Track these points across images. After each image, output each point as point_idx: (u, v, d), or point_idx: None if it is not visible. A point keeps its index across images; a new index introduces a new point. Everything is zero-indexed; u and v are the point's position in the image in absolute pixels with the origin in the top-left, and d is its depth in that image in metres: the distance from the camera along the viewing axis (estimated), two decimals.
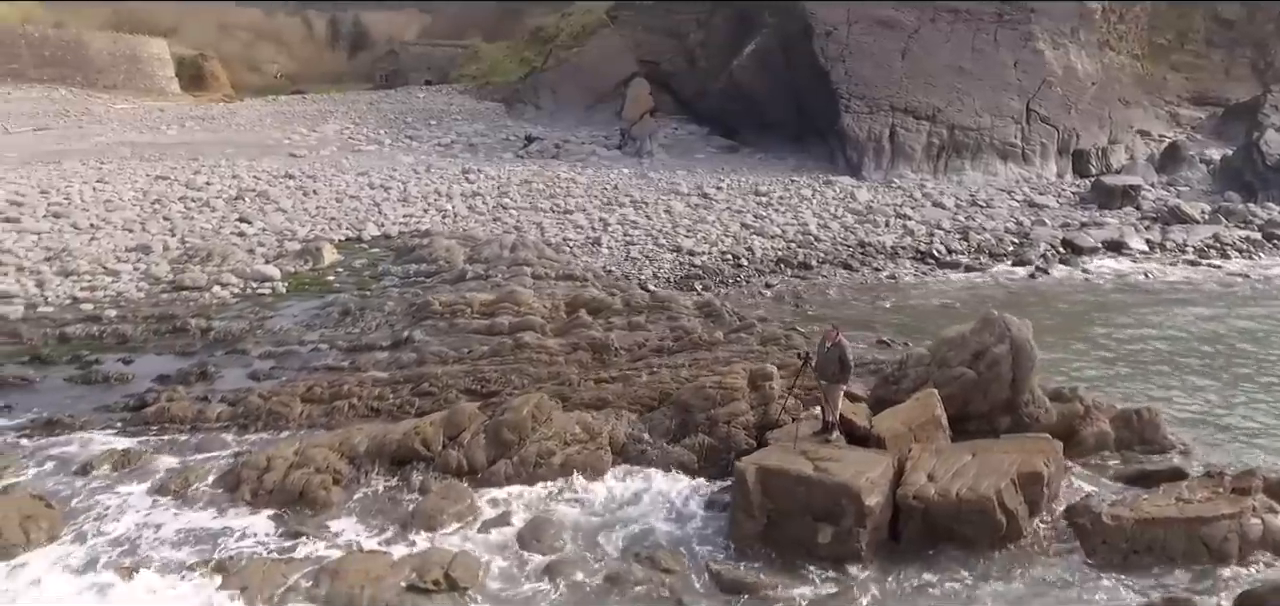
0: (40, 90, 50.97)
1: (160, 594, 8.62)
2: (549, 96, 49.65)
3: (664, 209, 30.50)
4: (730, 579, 9.08)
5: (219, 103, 58.00)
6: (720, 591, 9.01)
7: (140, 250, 24.13)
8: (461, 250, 23.93)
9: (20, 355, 16.54)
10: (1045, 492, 10.00)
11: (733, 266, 24.29)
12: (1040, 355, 12.15)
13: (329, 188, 33.02)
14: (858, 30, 38.32)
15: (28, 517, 9.82)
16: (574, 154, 41.37)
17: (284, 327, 18.31)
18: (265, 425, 13.24)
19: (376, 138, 44.74)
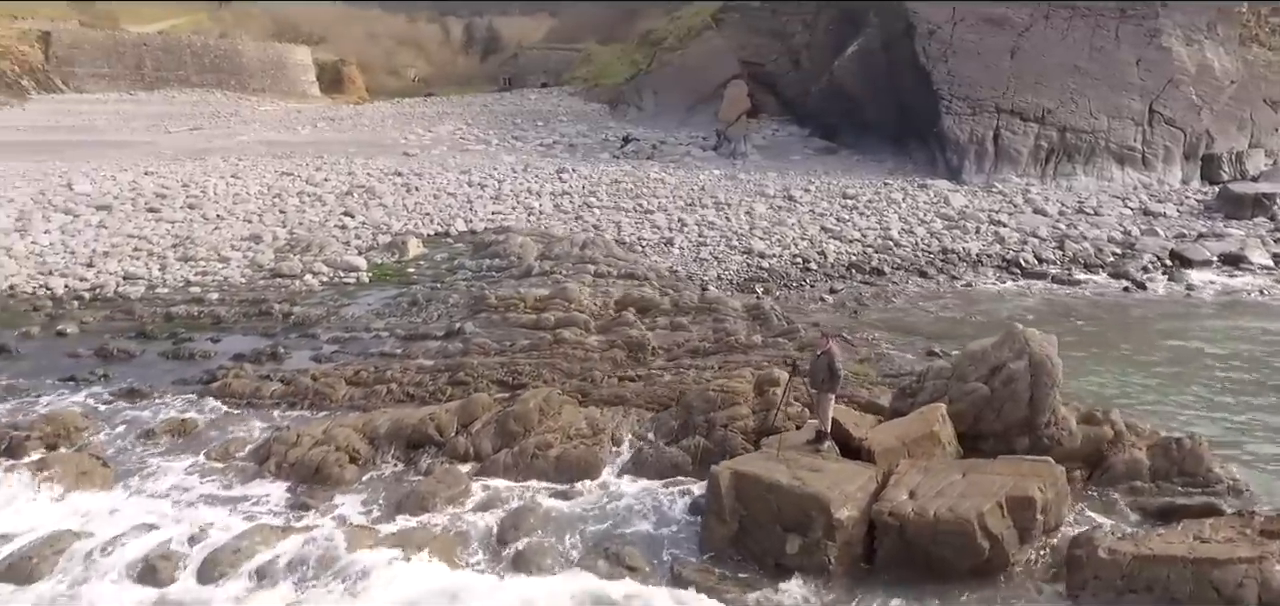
0: (199, 93, 56.56)
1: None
2: (651, 98, 50.26)
3: (745, 210, 30.31)
4: (689, 580, 9.15)
5: (352, 104, 62.25)
6: (679, 591, 9.10)
7: (252, 240, 26.49)
8: (535, 247, 24.80)
9: (130, 330, 18.63)
10: (1039, 520, 9.43)
11: (801, 270, 23.90)
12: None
13: (430, 185, 34.89)
14: (963, 29, 36.59)
15: (83, 473, 11.21)
16: (668, 155, 41.72)
17: (356, 315, 19.68)
18: (311, 404, 14.34)
19: (485, 138, 46.77)
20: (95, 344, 17.50)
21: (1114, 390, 14.96)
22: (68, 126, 48.01)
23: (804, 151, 42.26)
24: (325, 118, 53.40)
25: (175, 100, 54.52)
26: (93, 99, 53.09)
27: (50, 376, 15.80)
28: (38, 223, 27.96)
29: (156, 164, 38.68)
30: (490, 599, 8.84)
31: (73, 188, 33.01)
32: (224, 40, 65.82)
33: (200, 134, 47.58)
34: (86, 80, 54.74)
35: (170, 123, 49.37)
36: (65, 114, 50.28)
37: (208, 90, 57.10)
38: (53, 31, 56.09)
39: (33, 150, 41.56)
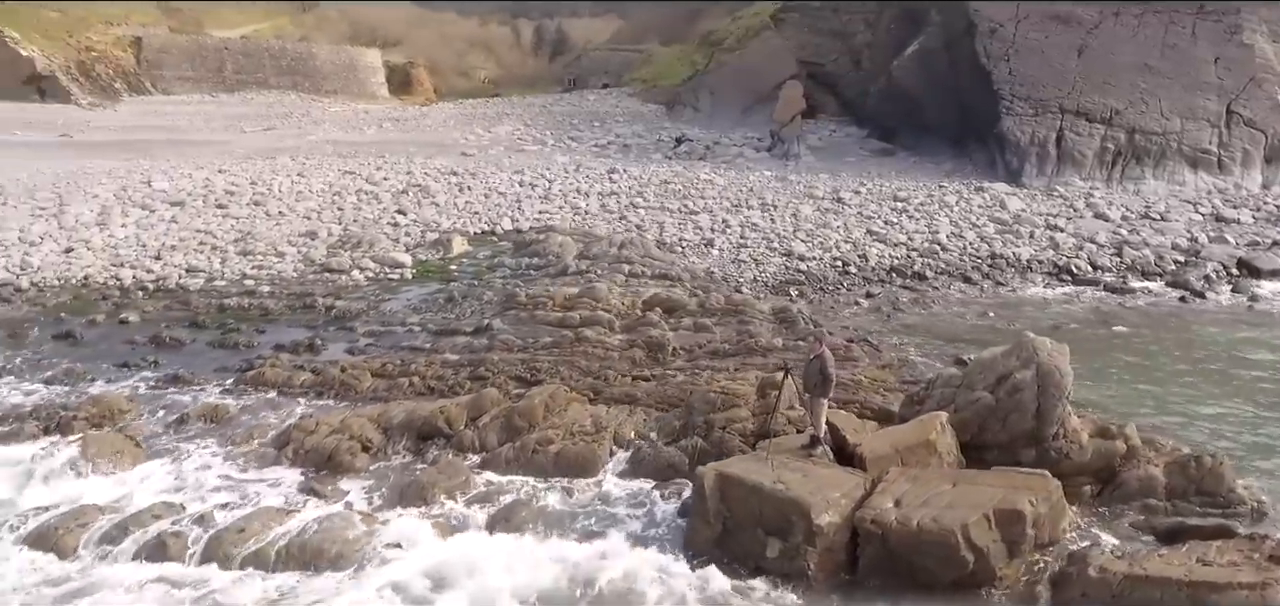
0: (275, 95, 59.20)
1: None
2: (707, 98, 50.15)
3: (791, 212, 30.01)
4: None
5: (419, 105, 64.07)
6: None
7: (308, 236, 27.60)
8: (574, 246, 25.13)
9: (185, 320, 19.71)
10: (1029, 534, 9.14)
11: (840, 273, 23.56)
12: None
13: (483, 184, 35.66)
14: (1027, 27, 35.32)
15: (117, 452, 11.98)
16: (721, 156, 41.58)
17: (393, 310, 20.35)
18: (337, 394, 14.94)
19: (541, 138, 47.50)
20: (152, 332, 18.59)
21: (1148, 404, 14.35)
22: (153, 126, 50.88)
23: (860, 153, 41.51)
24: (391, 118, 55.15)
25: (252, 101, 57.23)
26: (177, 100, 56.21)
27: (107, 361, 16.87)
28: (117, 217, 29.76)
29: (230, 162, 40.62)
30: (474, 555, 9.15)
31: (151, 185, 34.97)
32: (299, 44, 68.61)
33: (273, 133, 49.77)
34: (173, 83, 57.98)
35: (246, 123, 51.82)
36: (152, 115, 53.33)
37: (283, 92, 59.73)
38: (144, 37, 59.61)
39: (121, 149, 44.18)
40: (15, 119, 50.68)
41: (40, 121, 50.22)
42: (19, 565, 9.57)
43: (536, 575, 9.32)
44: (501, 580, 9.29)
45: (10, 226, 28.47)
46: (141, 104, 55.50)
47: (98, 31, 58.17)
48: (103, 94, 55.21)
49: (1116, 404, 14.19)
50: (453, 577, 9.35)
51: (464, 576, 9.37)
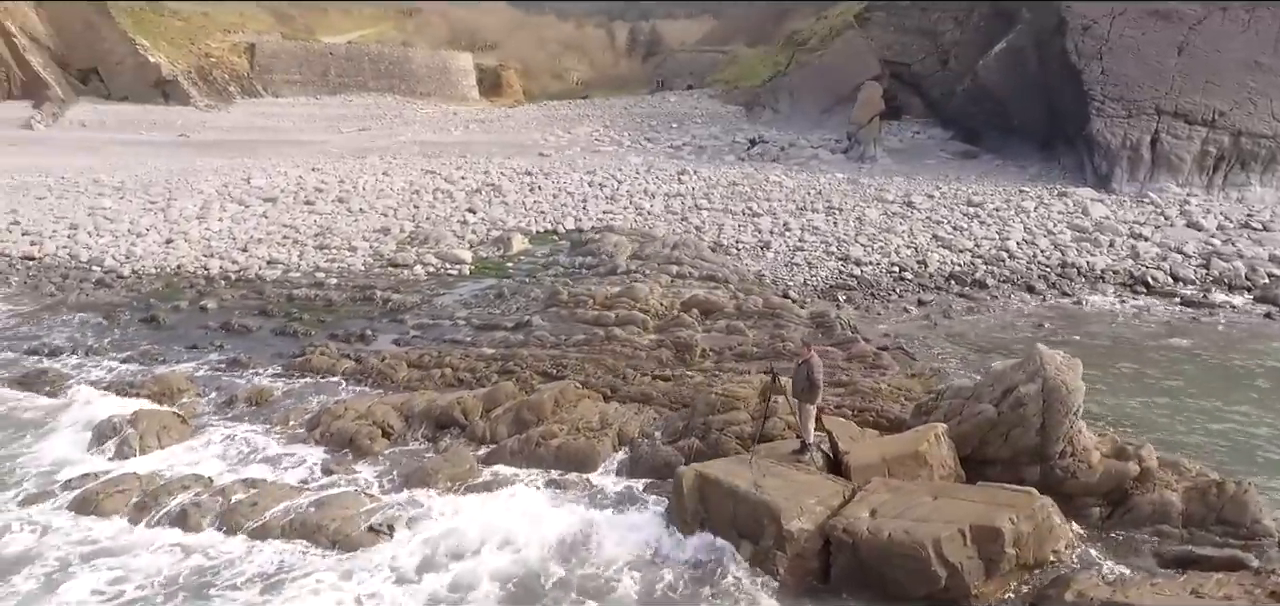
0: (373, 97, 62.21)
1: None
2: (787, 99, 49.54)
3: (856, 216, 29.40)
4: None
5: (507, 107, 65.95)
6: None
7: (382, 232, 29.00)
8: (629, 246, 25.45)
9: (256, 308, 21.13)
10: (1009, 553, 8.80)
11: (895, 279, 22.97)
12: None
13: (554, 184, 36.48)
14: (1123, 23, 33.27)
15: (164, 427, 13.05)
16: (794, 157, 41.05)
17: (444, 304, 21.19)
18: (374, 382, 15.76)
19: (618, 139, 48.10)
20: (224, 319, 20.05)
21: (1194, 425, 13.44)
22: (260, 127, 54.40)
23: (940, 156, 40.16)
24: (477, 120, 57.03)
25: (352, 103, 60.37)
26: (284, 103, 59.90)
27: (180, 344, 18.32)
28: (215, 212, 32.07)
29: (323, 161, 43.03)
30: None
31: (250, 182, 37.45)
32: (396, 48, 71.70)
33: (367, 134, 52.33)
34: (281, 86, 61.80)
35: (344, 124, 54.72)
36: (260, 116, 57.04)
37: (381, 94, 62.66)
38: (257, 43, 63.77)
39: (229, 148, 47.50)
40: (142, 120, 55.20)
41: (163, 122, 54.52)
42: (62, 524, 10.62)
43: (511, 560, 9.66)
44: (483, 564, 9.68)
45: (124, 218, 31.16)
46: (252, 106, 59.45)
47: (216, 39, 62.67)
48: (218, 96, 59.47)
49: (1157, 424, 13.39)
50: (437, 559, 9.80)
51: (448, 559, 9.80)
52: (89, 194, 36.04)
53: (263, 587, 9.34)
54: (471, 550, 10.00)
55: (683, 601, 9.14)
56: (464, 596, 9.20)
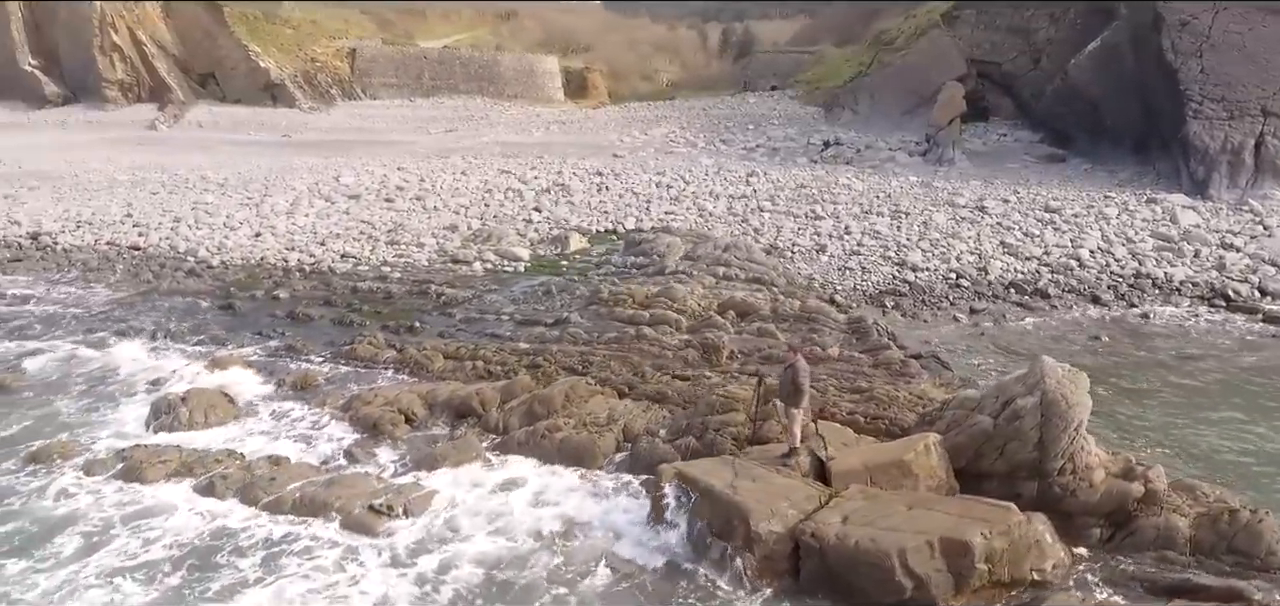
0: (463, 99, 64.48)
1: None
2: (867, 101, 48.42)
3: (922, 220, 28.58)
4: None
5: (590, 108, 67.03)
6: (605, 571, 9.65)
7: (450, 229, 30.16)
8: (682, 247, 25.58)
9: (322, 299, 22.41)
10: (979, 568, 8.57)
11: (950, 286, 22.27)
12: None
13: (622, 184, 36.97)
14: (1226, 19, 30.98)
15: (212, 406, 14.15)
16: (869, 160, 40.14)
17: (494, 300, 21.90)
18: (411, 372, 16.53)
19: (692, 140, 48.21)
20: (292, 308, 21.38)
21: (1246, 453, 12.58)
22: (356, 128, 57.29)
23: (1024, 159, 38.45)
24: (559, 121, 58.25)
25: (442, 105, 62.76)
26: (380, 105, 62.88)
27: (247, 330, 19.68)
28: (303, 207, 34.10)
29: (408, 161, 44.95)
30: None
31: (339, 180, 39.56)
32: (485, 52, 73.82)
33: (453, 134, 54.31)
34: (379, 89, 64.86)
35: (432, 125, 56.96)
36: (357, 117, 60.06)
37: (470, 96, 64.87)
38: (358, 48, 67.14)
39: (326, 148, 50.23)
40: (251, 121, 59.05)
41: (269, 123, 58.16)
42: (111, 490, 11.72)
43: (498, 546, 10.07)
44: (470, 548, 10.15)
45: (222, 212, 33.54)
46: (351, 108, 62.66)
47: (322, 44, 66.34)
48: (320, 99, 62.95)
49: (1201, 446, 12.62)
50: (429, 541, 10.33)
51: (439, 542, 10.31)
52: (195, 189, 38.93)
53: (264, 556, 10.08)
54: (463, 534, 10.49)
55: (652, 595, 9.32)
56: (446, 577, 9.66)
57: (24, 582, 9.59)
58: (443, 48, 75.15)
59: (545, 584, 9.49)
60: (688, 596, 9.24)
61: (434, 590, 9.39)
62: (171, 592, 9.48)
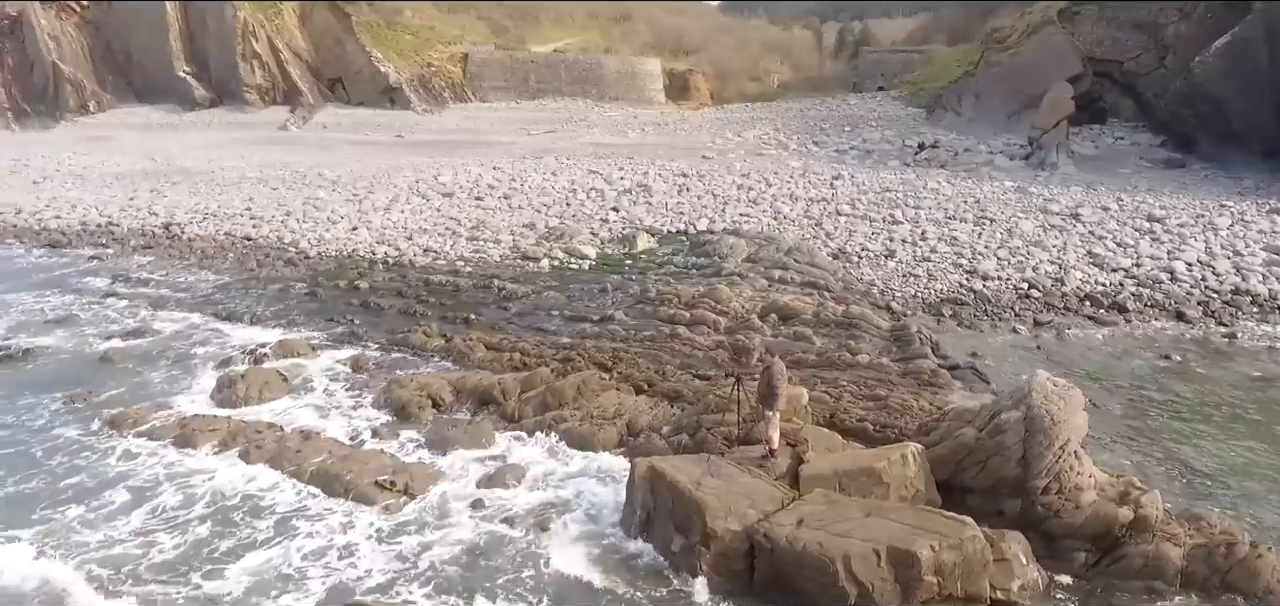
0: (565, 102, 66.28)
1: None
2: (971, 102, 46.37)
3: (1007, 227, 27.29)
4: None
5: (691, 110, 67.33)
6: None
7: (528, 227, 31.26)
8: (746, 249, 25.61)
9: (395, 290, 23.80)
10: (927, 581, 8.37)
11: (1020, 296, 21.22)
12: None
13: (703, 186, 37.13)
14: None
15: (267, 383, 15.49)
16: (964, 164, 38.50)
17: (551, 296, 22.60)
18: (454, 360, 17.43)
19: (785, 142, 47.68)
20: (366, 298, 22.88)
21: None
22: (463, 129, 59.99)
23: (1138, 164, 35.88)
24: (655, 123, 58.89)
25: (546, 108, 64.76)
26: (488, 107, 65.56)
27: (321, 317, 21.23)
28: (401, 204, 36.19)
29: (505, 161, 46.75)
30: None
31: (437, 179, 41.67)
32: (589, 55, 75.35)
33: (552, 136, 55.94)
34: (488, 92, 67.64)
35: (533, 127, 58.87)
36: (466, 119, 62.89)
37: (573, 98, 66.60)
38: (470, 53, 70.25)
39: (432, 148, 52.94)
40: (370, 122, 62.91)
41: (385, 124, 61.79)
42: (167, 453, 13.11)
43: (476, 529, 10.64)
44: (453, 529, 10.76)
45: (328, 207, 36.08)
46: (460, 110, 65.66)
47: (438, 50, 69.87)
48: (434, 102, 66.32)
49: (1248, 480, 11.66)
50: (419, 519, 11.03)
51: (427, 520, 10.99)
52: (310, 186, 42.02)
53: (277, 520, 11.06)
54: (451, 515, 11.13)
55: (611, 580, 9.61)
56: (423, 553, 10.28)
57: (72, 526, 10.96)
58: (553, 51, 77.46)
59: (513, 565, 9.96)
60: (645, 584, 9.48)
61: (412, 564, 10.03)
62: (192, 545, 10.57)
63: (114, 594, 9.56)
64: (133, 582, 9.76)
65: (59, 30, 75.88)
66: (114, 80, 76.57)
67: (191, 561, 10.17)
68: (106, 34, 77.36)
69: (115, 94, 75.96)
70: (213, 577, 9.84)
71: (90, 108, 74.34)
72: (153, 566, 10.06)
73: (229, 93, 70.50)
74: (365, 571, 9.97)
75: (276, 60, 68.75)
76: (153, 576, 9.87)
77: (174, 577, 9.85)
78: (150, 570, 9.99)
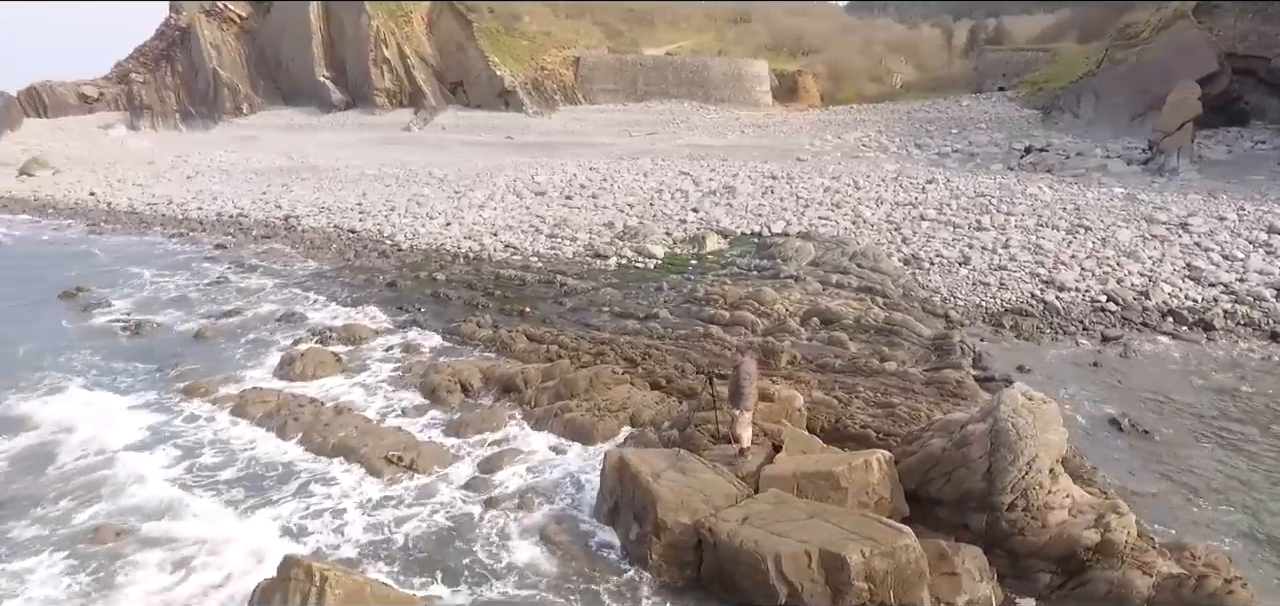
0: (671, 103, 66.84)
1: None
2: (1091, 103, 43.33)
3: (1102, 236, 25.55)
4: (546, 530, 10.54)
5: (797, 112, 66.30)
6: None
7: (607, 226, 31.98)
8: (811, 252, 25.29)
9: (466, 283, 25.07)
10: (857, 586, 8.25)
11: (1095, 309, 19.94)
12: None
13: (788, 189, 36.72)
14: None
15: (321, 362, 16.86)
16: (1074, 168, 36.13)
17: (608, 293, 23.15)
18: (497, 350, 18.31)
19: (884, 145, 46.25)
20: (438, 289, 24.25)
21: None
22: (569, 130, 61.69)
23: (1275, 171, 32.53)
24: (757, 125, 58.43)
25: (651, 110, 65.56)
26: (596, 109, 67.07)
27: (395, 305, 22.72)
28: (495, 202, 37.89)
29: (602, 162, 47.85)
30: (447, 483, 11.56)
31: (535, 178, 43.24)
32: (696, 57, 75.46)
33: (652, 137, 56.63)
34: (598, 94, 69.19)
35: (635, 129, 59.77)
36: (573, 121, 64.63)
37: (679, 100, 67.05)
38: (582, 57, 72.10)
39: (537, 149, 54.84)
40: (484, 124, 65.79)
41: (498, 126, 64.45)
42: (221, 419, 14.60)
43: (455, 510, 11.33)
44: (434, 506, 11.48)
45: (428, 203, 38.26)
46: (569, 112, 67.54)
47: (551, 54, 72.16)
48: (545, 104, 68.56)
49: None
50: (409, 495, 11.82)
51: (414, 497, 11.76)
52: (418, 183, 44.63)
53: (297, 485, 12.17)
54: (440, 493, 11.86)
55: (563, 565, 10.00)
56: (400, 525, 11.00)
57: (122, 474, 12.47)
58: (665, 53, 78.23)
59: (477, 543, 10.52)
60: (598, 571, 9.81)
61: (385, 534, 10.77)
62: (221, 501, 11.80)
63: (126, 533, 10.82)
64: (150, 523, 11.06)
65: (220, 39, 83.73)
66: (265, 84, 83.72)
67: (203, 504, 11.44)
68: (261, 41, 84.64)
69: (265, 97, 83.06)
70: (217, 525, 11.00)
71: (243, 110, 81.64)
72: (176, 514, 11.33)
73: (361, 96, 75.53)
74: (346, 537, 10.75)
75: (403, 65, 73.10)
76: (171, 519, 11.16)
77: (187, 522, 11.09)
78: (172, 516, 11.27)
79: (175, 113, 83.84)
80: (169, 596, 9.56)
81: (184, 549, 10.48)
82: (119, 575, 9.93)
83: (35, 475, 12.65)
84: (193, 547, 10.48)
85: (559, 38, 75.59)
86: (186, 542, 10.61)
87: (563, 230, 31.53)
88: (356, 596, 7.34)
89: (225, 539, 10.59)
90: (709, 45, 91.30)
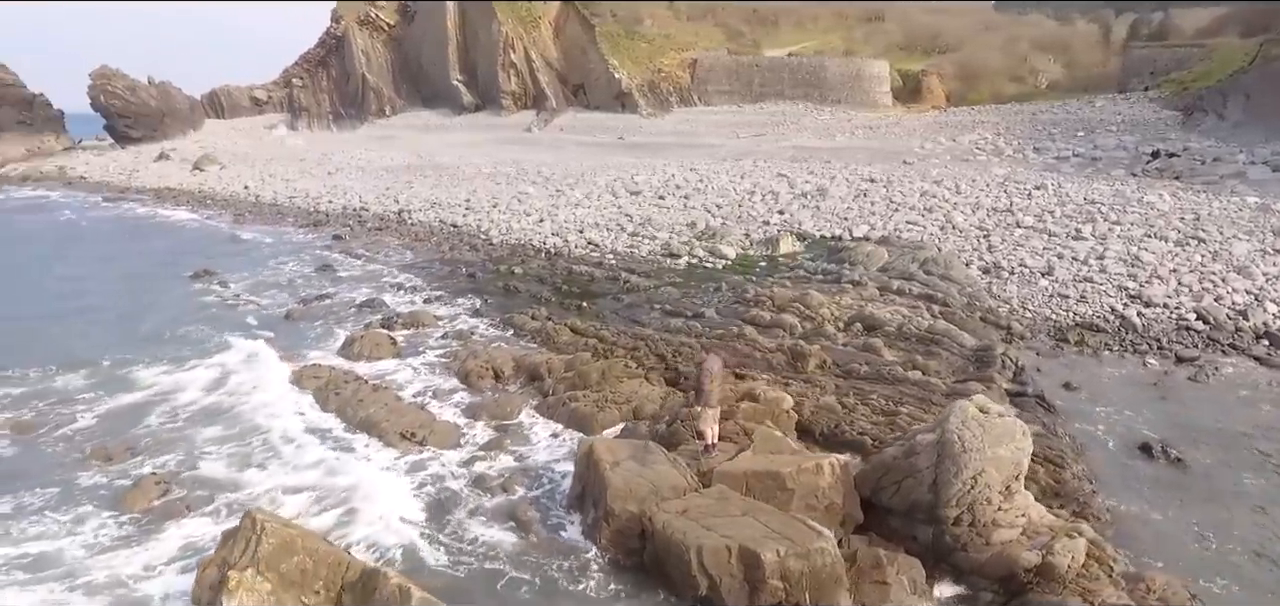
0: (787, 104, 65.91)
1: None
2: (1239, 104, 39.21)
3: (1213, 250, 23.39)
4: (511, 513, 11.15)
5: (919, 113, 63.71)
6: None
7: (688, 226, 32.27)
8: (882, 257, 24.63)
9: (538, 277, 26.07)
10: (772, 584, 8.28)
11: (1180, 329, 18.42)
12: None
13: (882, 193, 35.60)
14: None
15: (377, 344, 18.26)
16: (1206, 175, 32.96)
17: (668, 291, 23.48)
18: (541, 341, 19.11)
19: (1000, 148, 43.81)
20: (511, 281, 25.42)
21: None
22: (680, 132, 62.14)
23: None
24: (868, 126, 56.61)
25: (764, 110, 64.94)
26: (710, 110, 67.14)
27: (466, 295, 24.05)
28: (591, 201, 38.96)
29: (704, 162, 48.06)
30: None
31: (634, 178, 44.03)
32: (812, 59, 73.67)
33: (759, 139, 56.16)
34: (713, 96, 69.21)
35: (743, 129, 59.43)
36: (685, 122, 65.00)
37: (795, 101, 65.97)
38: (699, 58, 72.34)
39: (645, 150, 55.70)
40: (600, 125, 67.41)
41: (612, 127, 65.87)
42: (282, 390, 16.15)
43: (444, 487, 12.12)
44: (425, 480, 12.31)
45: (529, 201, 39.86)
46: (683, 113, 68.00)
47: (669, 56, 72.89)
48: (659, 105, 69.38)
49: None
50: (405, 468, 12.74)
51: (411, 471, 12.65)
52: (525, 181, 46.48)
53: (320, 448, 13.39)
54: (434, 468, 12.69)
55: (521, 542, 10.52)
56: (383, 493, 11.85)
57: (173, 424, 14.13)
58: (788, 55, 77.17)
59: (447, 519, 11.18)
60: (553, 552, 10.27)
61: (369, 502, 11.61)
62: (251, 461, 13.15)
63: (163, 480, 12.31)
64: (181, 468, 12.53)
65: (369, 45, 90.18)
66: (407, 88, 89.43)
67: (233, 466, 12.82)
68: (405, 47, 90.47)
69: (406, 100, 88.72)
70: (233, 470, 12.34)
71: (386, 111, 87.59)
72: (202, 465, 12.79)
73: (490, 98, 79.24)
74: (328, 500, 11.70)
75: (529, 68, 76.10)
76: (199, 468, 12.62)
77: (209, 467, 12.50)
78: (198, 469, 12.73)
79: (328, 114, 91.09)
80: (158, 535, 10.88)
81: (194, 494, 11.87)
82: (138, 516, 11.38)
83: (63, 424, 14.54)
84: (202, 494, 11.86)
85: (678, 40, 76.23)
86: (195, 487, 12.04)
87: (645, 229, 32.07)
88: (287, 544, 8.19)
89: (234, 485, 11.92)
90: (834, 45, 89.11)
